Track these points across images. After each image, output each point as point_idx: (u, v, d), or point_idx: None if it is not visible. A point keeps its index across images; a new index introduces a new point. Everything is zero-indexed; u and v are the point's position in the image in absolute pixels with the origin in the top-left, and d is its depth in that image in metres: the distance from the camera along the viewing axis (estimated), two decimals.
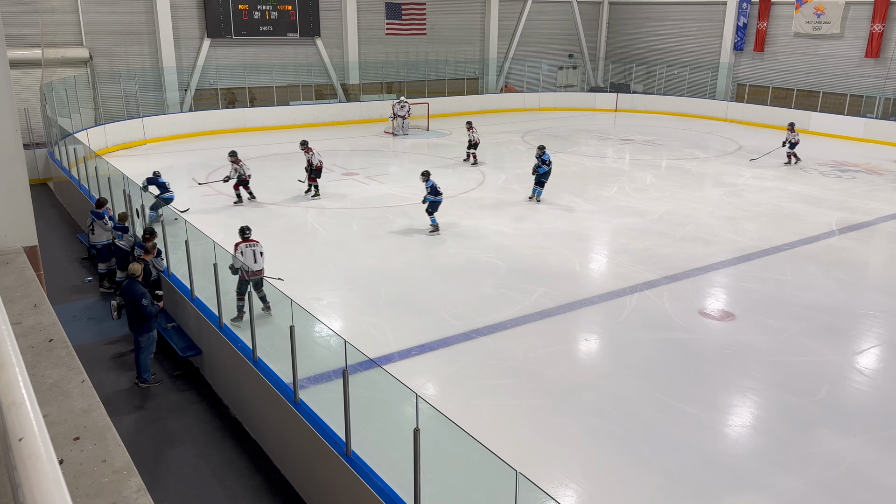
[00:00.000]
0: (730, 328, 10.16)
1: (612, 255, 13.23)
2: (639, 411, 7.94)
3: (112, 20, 23.56)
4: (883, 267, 13.26)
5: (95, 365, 9.32)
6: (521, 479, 4.10)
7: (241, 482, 7.12)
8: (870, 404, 8.25)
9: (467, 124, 20.44)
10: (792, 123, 21.38)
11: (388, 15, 29.41)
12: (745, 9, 30.04)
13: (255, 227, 14.31)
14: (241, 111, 25.35)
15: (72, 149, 16.42)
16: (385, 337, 9.63)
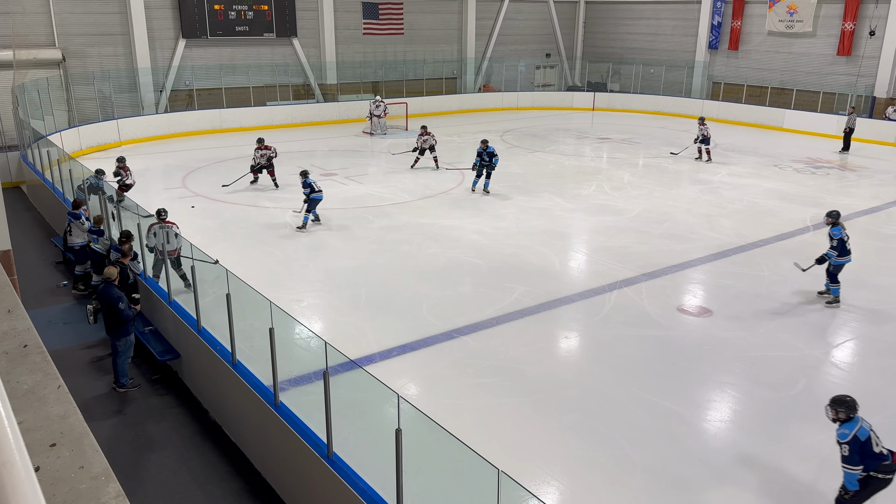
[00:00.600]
0: (707, 324, 10.27)
1: (590, 253, 13.31)
2: (619, 408, 7.99)
3: (85, 21, 23.25)
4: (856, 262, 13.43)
5: (72, 370, 9.19)
6: (504, 477, 4.11)
7: (222, 486, 7.06)
8: None
9: (422, 129, 19.65)
10: (702, 118, 21.61)
11: (366, 14, 29.33)
12: (720, 7, 30.37)
13: (232, 228, 14.31)
14: (217, 112, 25.13)
15: (45, 151, 16.18)
16: (366, 338, 9.60)
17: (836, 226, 10.70)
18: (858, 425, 5.69)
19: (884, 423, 7.74)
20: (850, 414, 5.74)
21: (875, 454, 5.65)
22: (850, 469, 5.65)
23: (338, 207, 15.82)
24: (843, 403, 5.77)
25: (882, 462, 5.65)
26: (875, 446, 5.69)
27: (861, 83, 26.37)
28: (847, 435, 5.65)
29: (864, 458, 5.62)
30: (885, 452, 5.71)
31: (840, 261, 10.71)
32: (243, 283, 7.57)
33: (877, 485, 5.73)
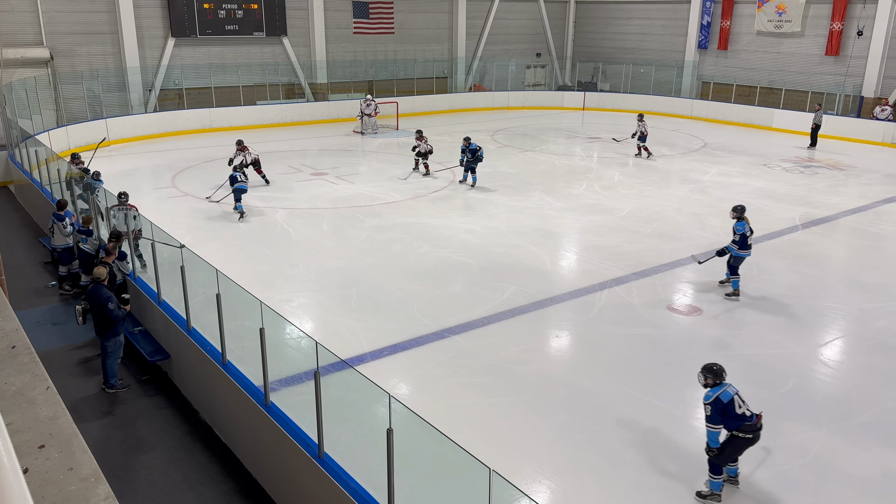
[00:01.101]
0: (697, 322, 10.31)
1: (581, 253, 13.34)
2: (610, 406, 8.02)
3: (73, 20, 23.10)
4: (845, 260, 13.56)
5: (61, 371, 9.14)
6: (495, 476, 4.12)
7: (213, 487, 7.04)
8: (834, 395, 8.44)
9: (417, 133, 19.38)
10: (641, 115, 21.87)
11: (356, 14, 29.28)
12: (709, 7, 30.51)
13: (223, 228, 14.26)
14: (206, 111, 25.02)
15: (33, 151, 16.07)
16: (357, 337, 9.59)
17: (741, 220, 10.97)
18: (723, 389, 6.24)
19: (872, 420, 7.82)
20: (716, 380, 6.30)
21: (737, 415, 6.19)
22: (710, 427, 6.25)
23: (328, 207, 15.79)
24: (711, 371, 6.36)
25: (744, 422, 6.19)
26: (738, 408, 6.20)
27: (849, 83, 26.54)
28: (710, 397, 6.24)
29: (726, 418, 6.19)
30: (749, 414, 6.23)
31: (741, 254, 10.99)
32: (233, 282, 7.55)
33: (740, 443, 6.28)
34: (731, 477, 6.66)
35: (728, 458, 6.42)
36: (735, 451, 6.36)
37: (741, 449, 6.36)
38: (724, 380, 6.32)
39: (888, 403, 8.17)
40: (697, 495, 6.53)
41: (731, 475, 6.64)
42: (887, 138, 24.47)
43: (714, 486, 6.48)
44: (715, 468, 6.43)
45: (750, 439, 6.26)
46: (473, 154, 17.50)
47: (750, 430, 6.23)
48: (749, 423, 6.22)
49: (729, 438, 6.27)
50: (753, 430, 6.25)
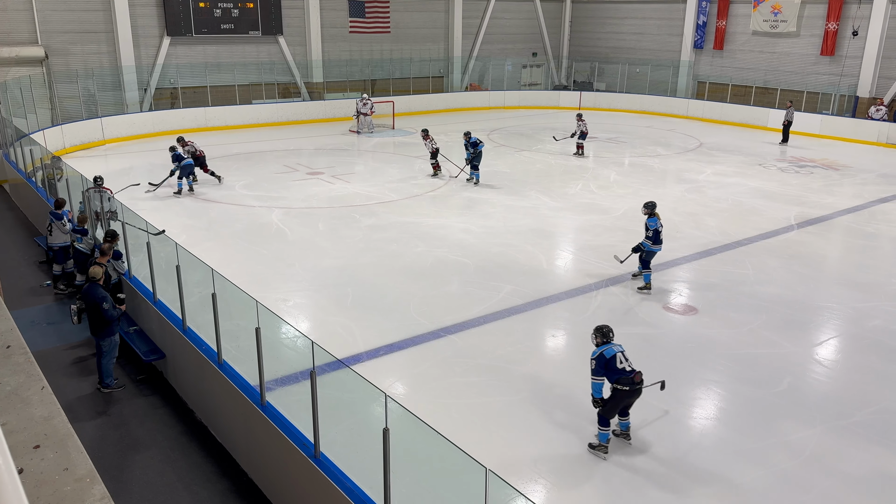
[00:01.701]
0: (693, 322, 10.33)
1: (577, 252, 13.35)
2: None
3: (68, 18, 23.04)
4: (840, 260, 13.61)
5: (56, 371, 9.11)
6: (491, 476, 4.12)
7: (208, 487, 7.02)
8: (829, 394, 8.47)
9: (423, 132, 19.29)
10: (580, 113, 22.21)
11: (352, 13, 29.26)
12: (705, 7, 30.56)
13: (219, 227, 14.24)
14: (202, 110, 24.98)
15: (28, 150, 16.02)
16: (353, 337, 9.59)
17: (653, 216, 11.13)
18: (608, 346, 7.01)
19: (867, 419, 7.84)
20: (604, 340, 7.08)
21: (618, 370, 6.92)
22: (594, 379, 7.03)
23: (324, 206, 15.77)
24: (600, 331, 7.15)
25: (623, 376, 6.89)
26: (619, 364, 6.94)
27: (844, 83, 26.62)
28: (596, 353, 7.02)
29: (608, 371, 6.93)
30: (629, 369, 6.93)
31: (653, 249, 11.19)
32: (229, 282, 7.53)
33: (621, 395, 6.99)
34: (623, 431, 7.35)
35: (613, 410, 7.08)
36: (617, 403, 7.04)
37: (622, 401, 7.04)
38: (611, 340, 7.08)
39: (882, 402, 8.20)
40: (589, 447, 7.18)
41: (623, 429, 7.33)
42: (882, 138, 24.55)
43: (602, 437, 7.12)
44: (603, 421, 7.07)
45: (628, 391, 6.94)
46: (475, 147, 17.65)
47: (628, 382, 6.90)
48: (627, 377, 6.89)
49: (612, 392, 6.97)
50: (631, 383, 6.91)
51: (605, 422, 7.07)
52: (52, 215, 11.58)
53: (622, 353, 7.00)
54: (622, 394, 6.96)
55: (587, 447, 7.19)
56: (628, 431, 7.34)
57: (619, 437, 7.33)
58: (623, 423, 7.33)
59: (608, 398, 7.01)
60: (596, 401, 7.04)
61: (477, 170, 17.87)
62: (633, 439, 7.35)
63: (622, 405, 7.13)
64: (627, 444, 7.25)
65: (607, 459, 7.06)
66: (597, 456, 7.09)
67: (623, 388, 6.92)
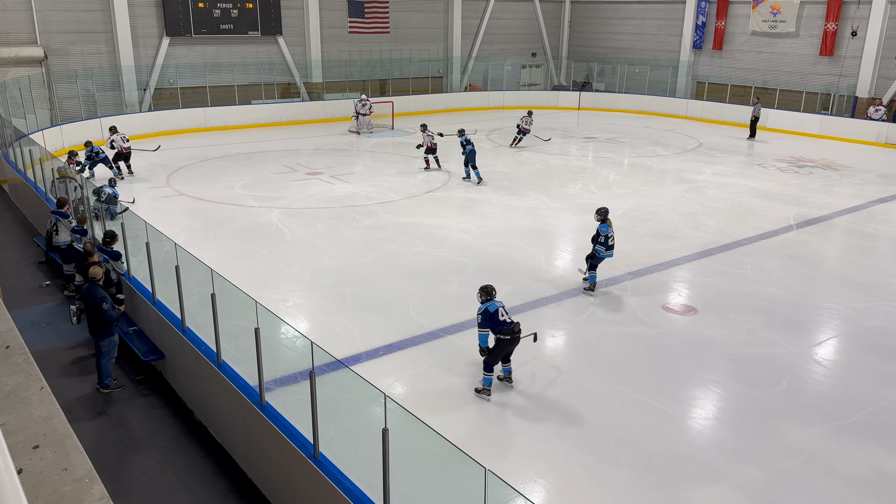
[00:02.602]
0: (692, 322, 10.34)
1: (576, 252, 13.34)
2: (604, 406, 8.03)
3: (67, 18, 23.03)
4: (839, 260, 13.61)
5: (55, 371, 9.11)
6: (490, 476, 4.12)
7: (208, 487, 7.03)
8: (828, 394, 8.47)
9: (421, 127, 19.72)
10: (530, 111, 23.38)
11: (351, 13, 29.26)
12: (704, 8, 30.57)
13: (217, 228, 14.23)
14: (201, 110, 24.98)
15: (27, 150, 16.01)
16: (352, 337, 9.59)
17: (604, 223, 11.14)
18: (491, 303, 7.90)
19: (865, 419, 7.85)
20: (488, 297, 7.96)
21: (500, 321, 7.85)
22: (480, 331, 7.91)
23: (324, 206, 15.78)
24: (484, 290, 8.03)
25: (504, 326, 7.84)
26: (500, 316, 7.88)
27: (843, 83, 26.63)
28: (481, 308, 7.89)
29: (492, 324, 7.84)
30: (509, 321, 7.90)
31: (605, 255, 11.17)
32: (228, 282, 7.53)
33: (503, 344, 7.92)
34: (506, 375, 8.33)
35: (497, 357, 8.01)
36: (500, 350, 7.97)
37: (504, 348, 7.98)
38: (493, 297, 8.01)
39: (881, 402, 8.21)
40: (475, 391, 8.09)
41: (505, 374, 8.33)
42: (881, 138, 24.57)
43: (486, 381, 8.07)
44: (488, 367, 8.03)
45: (509, 340, 7.92)
46: (463, 147, 17.96)
47: (509, 332, 7.87)
48: (508, 328, 7.85)
49: (496, 341, 7.89)
50: (512, 332, 7.89)
51: (489, 368, 8.04)
52: (57, 214, 11.54)
53: (503, 307, 7.94)
54: (504, 342, 7.91)
55: (473, 392, 8.09)
56: (510, 376, 8.34)
57: (503, 381, 8.32)
58: (506, 369, 8.31)
59: (493, 347, 7.93)
60: (482, 350, 7.97)
61: (475, 168, 17.94)
62: (636, 443, 7.36)
63: (504, 352, 8.06)
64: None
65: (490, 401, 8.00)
66: (482, 398, 8.02)
67: (505, 338, 7.88)
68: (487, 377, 8.07)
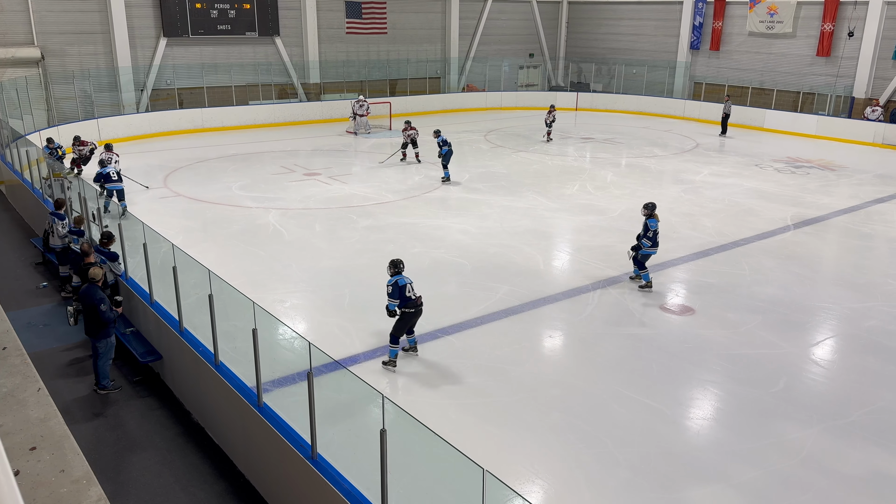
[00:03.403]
0: (690, 322, 10.34)
1: (574, 253, 13.36)
2: (603, 406, 8.03)
3: (64, 19, 23.01)
4: (836, 260, 13.63)
5: (52, 372, 9.10)
6: (489, 477, 4.12)
7: (206, 488, 7.01)
8: (825, 395, 8.48)
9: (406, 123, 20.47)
10: (552, 105, 24.93)
11: (349, 14, 29.26)
12: (701, 8, 30.61)
13: (215, 229, 14.22)
14: (199, 111, 24.97)
15: (24, 151, 15.98)
16: (350, 338, 9.58)
17: (652, 217, 11.24)
18: (400, 277, 8.53)
19: (863, 419, 7.86)
20: (396, 271, 8.58)
21: (406, 297, 8.52)
22: (390, 301, 8.52)
23: (321, 207, 15.77)
24: (393, 264, 8.63)
25: (410, 301, 8.51)
26: (408, 292, 8.53)
27: (840, 83, 26.68)
28: (391, 281, 8.50)
29: (401, 298, 8.48)
30: (414, 297, 8.58)
31: (649, 251, 11.34)
32: (226, 283, 7.53)
33: (408, 317, 8.60)
34: (412, 346, 8.97)
35: (402, 329, 8.62)
36: (405, 322, 8.60)
37: (409, 321, 8.64)
38: (402, 271, 8.61)
39: (879, 402, 8.22)
40: (382, 364, 8.67)
41: (410, 344, 8.98)
42: (878, 139, 24.62)
43: (392, 353, 8.67)
44: (393, 339, 8.63)
45: (413, 313, 8.60)
46: (440, 147, 18.14)
47: (413, 305, 8.55)
48: (412, 301, 8.53)
49: (401, 315, 8.53)
50: (416, 305, 8.57)
51: (395, 340, 8.64)
52: (54, 216, 11.51)
53: (410, 284, 8.61)
54: (409, 315, 8.58)
55: (381, 364, 8.67)
56: (415, 346, 9.02)
57: (408, 352, 8.96)
58: (411, 340, 8.96)
59: (399, 320, 8.56)
60: (390, 312, 8.59)
61: (446, 168, 18.14)
62: (635, 444, 7.36)
63: (409, 325, 8.70)
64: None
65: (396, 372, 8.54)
66: (388, 370, 8.59)
67: (409, 311, 8.56)
68: (393, 349, 8.68)
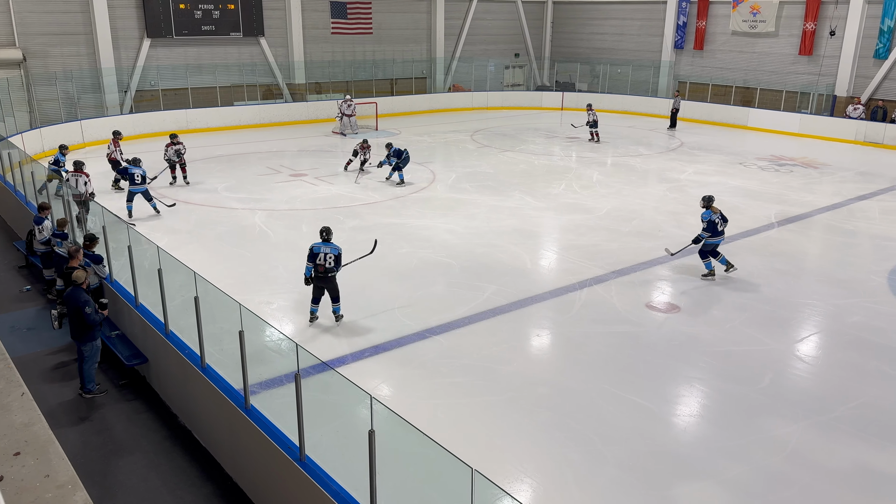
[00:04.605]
0: (676, 320, 10.40)
1: (561, 252, 13.40)
2: (590, 404, 8.07)
3: (46, 20, 22.80)
4: (820, 257, 13.76)
5: (36, 377, 9.00)
6: (477, 476, 4.12)
7: (193, 491, 6.97)
8: (810, 390, 8.56)
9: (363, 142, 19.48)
10: (589, 104, 25.16)
11: (334, 14, 29.19)
12: (685, 8, 30.80)
13: (201, 230, 14.14)
14: (183, 112, 24.81)
15: (6, 153, 15.81)
16: (337, 339, 9.56)
17: (708, 209, 11.81)
18: (318, 244, 9.70)
19: (847, 414, 7.94)
20: (328, 237, 9.78)
21: (318, 264, 9.63)
22: (308, 264, 9.70)
23: (308, 208, 15.72)
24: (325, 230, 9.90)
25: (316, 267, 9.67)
26: (319, 261, 9.64)
27: (822, 82, 26.93)
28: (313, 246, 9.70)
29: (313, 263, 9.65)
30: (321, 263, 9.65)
31: (712, 241, 11.85)
32: (212, 285, 7.49)
33: (315, 279, 9.77)
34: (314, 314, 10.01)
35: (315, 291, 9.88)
36: (316, 287, 9.85)
37: (317, 284, 9.79)
38: (325, 240, 9.76)
39: (862, 398, 8.31)
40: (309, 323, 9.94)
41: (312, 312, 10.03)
42: (860, 136, 24.87)
43: (313, 310, 9.97)
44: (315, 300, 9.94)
45: (320, 277, 9.72)
46: (398, 156, 17.78)
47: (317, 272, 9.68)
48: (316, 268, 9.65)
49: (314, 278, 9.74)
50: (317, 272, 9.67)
51: (316, 301, 9.93)
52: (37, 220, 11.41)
53: (328, 254, 9.60)
54: (318, 279, 9.73)
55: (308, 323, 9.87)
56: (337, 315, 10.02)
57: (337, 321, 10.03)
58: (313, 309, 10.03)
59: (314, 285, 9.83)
60: (307, 280, 9.77)
61: (400, 170, 17.90)
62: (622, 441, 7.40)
63: (319, 288, 9.84)
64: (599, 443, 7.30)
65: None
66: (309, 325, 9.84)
67: (319, 275, 9.68)
68: (314, 307, 9.98)
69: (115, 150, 17.54)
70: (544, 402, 8.11)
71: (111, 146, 17.59)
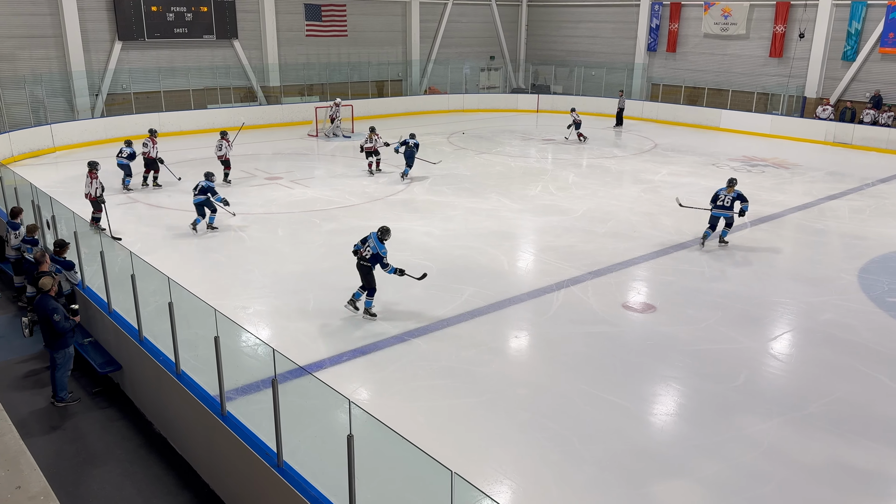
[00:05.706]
0: (652, 320, 10.49)
1: (538, 253, 13.45)
2: (568, 404, 8.10)
3: (15, 22, 22.41)
4: (792, 256, 13.96)
5: (7, 385, 8.84)
6: (457, 478, 4.12)
7: (169, 500, 6.88)
8: (785, 388, 8.67)
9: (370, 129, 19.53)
10: (573, 108, 25.52)
11: (308, 16, 29.06)
12: (657, 11, 31.13)
13: (175, 234, 13.96)
14: (156, 115, 24.52)
15: None
16: (315, 343, 9.50)
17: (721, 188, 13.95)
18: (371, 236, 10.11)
19: (821, 410, 8.06)
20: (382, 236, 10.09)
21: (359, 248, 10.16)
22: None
23: (284, 212, 15.61)
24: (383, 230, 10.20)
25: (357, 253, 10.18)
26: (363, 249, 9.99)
27: (792, 84, 27.37)
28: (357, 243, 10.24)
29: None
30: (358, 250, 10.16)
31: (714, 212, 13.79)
32: (186, 290, 7.40)
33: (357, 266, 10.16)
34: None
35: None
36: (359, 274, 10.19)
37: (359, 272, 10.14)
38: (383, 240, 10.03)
39: (836, 393, 8.44)
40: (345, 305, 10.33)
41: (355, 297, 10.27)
42: (829, 137, 25.31)
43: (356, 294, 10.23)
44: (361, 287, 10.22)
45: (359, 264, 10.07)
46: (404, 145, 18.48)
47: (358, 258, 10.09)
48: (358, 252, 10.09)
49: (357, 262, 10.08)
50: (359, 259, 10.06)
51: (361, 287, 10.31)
52: (9, 225, 11.19)
53: (370, 244, 9.92)
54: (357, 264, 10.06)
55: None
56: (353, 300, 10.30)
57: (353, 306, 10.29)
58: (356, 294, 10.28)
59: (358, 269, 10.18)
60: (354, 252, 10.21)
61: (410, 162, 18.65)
62: (600, 441, 7.44)
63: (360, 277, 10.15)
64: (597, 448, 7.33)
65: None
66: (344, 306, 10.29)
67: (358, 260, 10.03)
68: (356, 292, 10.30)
69: (152, 147, 17.21)
70: (523, 403, 8.13)
71: (148, 143, 17.20)
